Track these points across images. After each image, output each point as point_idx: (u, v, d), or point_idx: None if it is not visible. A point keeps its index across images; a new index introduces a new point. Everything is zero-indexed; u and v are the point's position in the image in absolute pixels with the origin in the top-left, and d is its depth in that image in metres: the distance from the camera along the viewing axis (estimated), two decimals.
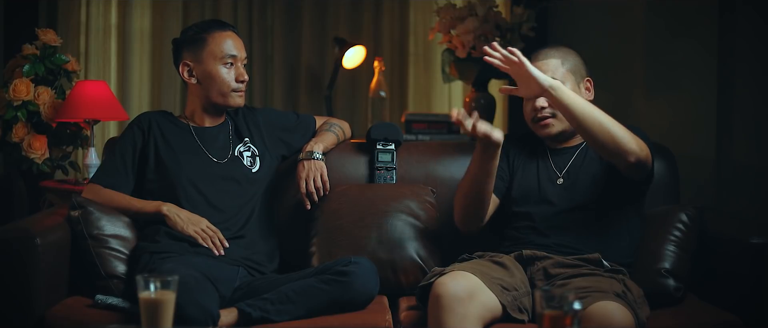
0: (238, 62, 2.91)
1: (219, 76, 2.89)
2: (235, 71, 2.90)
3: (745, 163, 3.47)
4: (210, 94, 2.92)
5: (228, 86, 2.90)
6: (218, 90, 2.90)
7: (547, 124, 2.77)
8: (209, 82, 2.90)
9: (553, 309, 1.81)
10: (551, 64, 2.76)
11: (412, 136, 4.03)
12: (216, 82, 2.90)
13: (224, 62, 2.89)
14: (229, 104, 2.93)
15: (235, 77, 2.90)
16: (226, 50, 2.89)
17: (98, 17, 4.70)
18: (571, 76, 2.77)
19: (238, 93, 2.92)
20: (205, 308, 2.41)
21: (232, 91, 2.91)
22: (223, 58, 2.89)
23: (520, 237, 2.73)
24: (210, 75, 2.90)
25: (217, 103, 2.93)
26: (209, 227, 2.80)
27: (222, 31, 2.92)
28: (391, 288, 2.84)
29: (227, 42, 2.91)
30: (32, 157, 3.67)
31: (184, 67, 2.93)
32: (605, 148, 2.56)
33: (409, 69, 4.84)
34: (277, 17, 4.77)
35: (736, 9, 3.47)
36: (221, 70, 2.89)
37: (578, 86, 2.78)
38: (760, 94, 3.39)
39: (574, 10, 4.27)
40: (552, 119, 2.76)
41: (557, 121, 2.76)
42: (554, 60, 2.77)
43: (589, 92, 2.82)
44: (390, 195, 2.97)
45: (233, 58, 2.90)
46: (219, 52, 2.89)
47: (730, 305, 2.62)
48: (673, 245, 2.76)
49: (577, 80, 2.78)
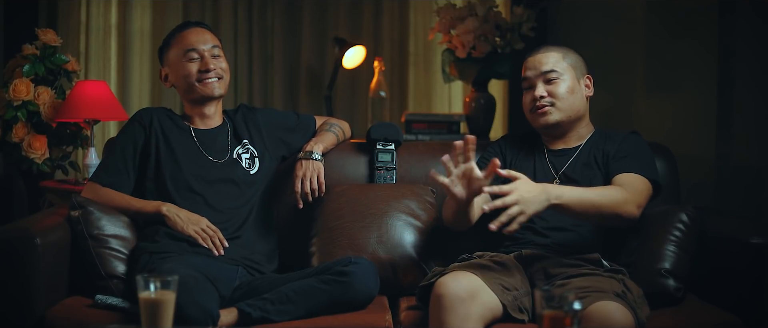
0: (205, 53, 2.93)
1: (185, 71, 2.92)
2: (200, 62, 2.92)
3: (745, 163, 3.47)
4: (184, 91, 2.96)
5: (192, 77, 2.92)
6: (186, 85, 2.94)
7: (545, 112, 2.80)
8: (179, 81, 2.95)
9: (553, 309, 1.81)
10: (552, 57, 2.80)
11: (412, 136, 4.03)
12: (182, 78, 2.93)
13: (188, 58, 2.93)
14: (204, 94, 2.93)
15: (198, 67, 2.92)
16: (185, 46, 2.93)
17: (98, 17, 4.71)
18: (571, 70, 2.80)
19: (209, 81, 2.92)
20: (204, 308, 2.41)
21: (198, 81, 2.92)
22: (186, 54, 2.93)
23: (520, 237, 2.73)
24: (178, 73, 2.94)
25: (193, 98, 2.96)
26: (209, 226, 2.80)
27: (183, 31, 2.98)
28: (391, 288, 2.84)
29: (187, 38, 2.95)
30: (32, 157, 3.67)
31: (162, 74, 3.00)
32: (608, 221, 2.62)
33: (409, 69, 4.84)
34: (277, 17, 4.77)
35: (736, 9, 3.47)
36: (186, 65, 2.93)
37: (578, 82, 2.81)
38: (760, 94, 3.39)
39: (574, 10, 4.27)
40: (550, 107, 2.79)
41: (555, 110, 2.79)
42: (555, 53, 2.81)
43: (588, 89, 2.85)
44: (390, 195, 2.97)
45: (194, 51, 2.92)
46: (180, 51, 2.94)
47: (730, 305, 2.62)
48: (673, 245, 2.76)
49: (578, 76, 2.81)
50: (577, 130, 2.85)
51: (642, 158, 2.74)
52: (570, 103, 2.79)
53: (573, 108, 2.80)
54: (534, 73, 2.81)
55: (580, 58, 2.85)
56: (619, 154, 2.75)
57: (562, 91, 2.78)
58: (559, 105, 2.78)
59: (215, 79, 2.93)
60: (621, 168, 2.70)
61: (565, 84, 2.79)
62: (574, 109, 2.81)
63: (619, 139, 2.81)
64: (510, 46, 3.93)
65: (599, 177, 2.75)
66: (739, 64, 3.48)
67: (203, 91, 2.93)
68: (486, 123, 4.07)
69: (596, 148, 2.81)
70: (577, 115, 2.82)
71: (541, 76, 2.80)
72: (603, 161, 2.77)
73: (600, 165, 2.77)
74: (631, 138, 2.82)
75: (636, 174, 2.68)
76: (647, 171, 2.70)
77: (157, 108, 3.04)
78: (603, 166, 2.76)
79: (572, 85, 2.79)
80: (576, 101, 2.81)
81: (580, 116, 2.84)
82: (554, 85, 2.79)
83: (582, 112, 2.84)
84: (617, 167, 2.71)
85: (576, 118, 2.82)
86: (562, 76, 2.79)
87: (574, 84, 2.80)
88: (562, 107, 2.79)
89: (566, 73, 2.79)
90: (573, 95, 2.80)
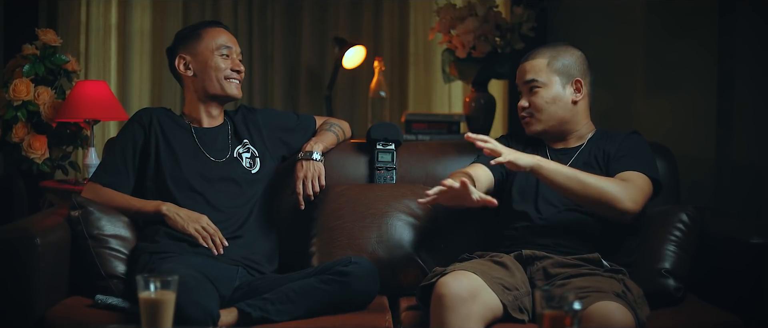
0: (233, 54, 2.96)
1: (215, 64, 2.93)
2: (231, 61, 2.94)
3: (745, 163, 3.47)
4: (206, 83, 2.94)
5: (223, 73, 2.93)
6: (215, 77, 2.93)
7: (527, 123, 2.83)
8: (205, 71, 2.93)
9: (553, 309, 1.81)
10: (537, 64, 2.81)
11: (412, 136, 4.03)
12: (212, 69, 2.93)
13: (220, 52, 2.94)
14: (226, 93, 2.94)
15: (231, 66, 2.93)
16: (220, 42, 2.95)
17: (98, 17, 4.71)
18: (556, 76, 2.79)
19: (234, 81, 2.95)
20: (204, 308, 2.41)
21: (227, 78, 2.93)
22: (219, 49, 2.94)
23: (519, 237, 2.73)
24: (206, 64, 2.93)
25: (215, 93, 2.95)
26: (209, 224, 2.80)
27: (216, 27, 3.00)
28: (391, 288, 2.84)
29: (222, 36, 2.97)
30: (32, 157, 3.67)
31: (180, 61, 2.96)
32: (598, 206, 2.61)
33: (409, 69, 4.84)
34: (277, 17, 4.77)
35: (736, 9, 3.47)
36: (217, 58, 2.93)
37: (564, 88, 2.80)
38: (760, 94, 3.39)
39: (574, 10, 4.27)
40: (530, 119, 2.82)
41: (535, 121, 2.81)
42: (540, 60, 2.81)
43: (578, 93, 2.82)
44: (390, 195, 2.96)
45: (228, 49, 2.95)
46: (214, 44, 2.94)
47: (730, 305, 2.62)
48: (673, 245, 2.76)
49: (564, 82, 2.80)
50: (575, 132, 2.85)
51: (643, 158, 2.74)
52: (550, 112, 2.79)
53: (554, 117, 2.80)
54: (520, 81, 2.85)
55: (575, 60, 2.83)
56: (620, 153, 2.75)
57: (542, 101, 2.79)
58: (539, 116, 2.80)
59: (238, 82, 2.96)
60: (622, 166, 2.70)
61: (546, 93, 2.78)
62: (555, 118, 2.80)
63: (620, 139, 2.81)
64: (510, 46, 3.93)
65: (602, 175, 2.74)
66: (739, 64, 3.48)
67: (227, 90, 2.94)
68: (486, 123, 4.08)
69: (597, 148, 2.81)
70: (561, 122, 2.81)
71: (524, 86, 2.82)
72: (604, 161, 2.77)
73: (601, 165, 2.76)
74: (632, 138, 2.81)
75: (636, 172, 2.68)
76: (648, 170, 2.70)
77: (157, 108, 3.04)
78: (604, 166, 2.76)
79: (554, 93, 2.79)
80: (558, 110, 2.80)
81: (567, 122, 2.82)
82: (534, 96, 2.80)
83: (568, 118, 2.82)
84: (618, 166, 2.71)
85: (562, 125, 2.82)
86: (545, 85, 2.78)
87: (557, 92, 2.79)
88: (542, 118, 2.80)
89: (549, 81, 2.79)
90: (554, 104, 2.79)
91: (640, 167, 2.68)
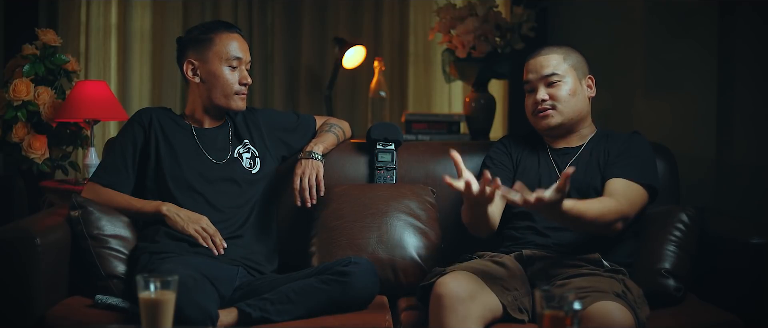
0: (242, 65, 2.92)
1: (223, 76, 2.89)
2: (239, 73, 2.91)
3: (745, 163, 3.47)
4: (212, 94, 2.92)
5: (231, 88, 2.90)
6: (221, 91, 2.90)
7: (547, 116, 2.80)
8: (213, 82, 2.90)
9: (553, 309, 1.81)
10: (553, 59, 2.79)
11: (412, 136, 4.03)
12: (219, 82, 2.90)
13: (229, 63, 2.90)
14: (230, 107, 2.93)
15: (239, 79, 2.91)
16: (231, 52, 2.90)
17: (98, 17, 4.71)
18: (573, 71, 2.80)
19: (240, 96, 2.92)
20: (204, 308, 2.41)
21: (235, 93, 2.91)
22: (229, 60, 2.90)
23: (520, 237, 2.74)
24: (214, 75, 2.90)
25: (219, 105, 2.93)
26: (209, 225, 2.80)
27: (229, 33, 2.93)
28: (391, 288, 2.84)
29: (233, 44, 2.91)
30: (32, 157, 3.67)
31: (188, 66, 2.92)
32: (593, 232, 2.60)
33: (409, 69, 4.84)
34: (277, 17, 4.77)
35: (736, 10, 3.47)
36: (225, 71, 2.89)
37: (580, 83, 2.80)
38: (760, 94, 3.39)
39: (574, 10, 4.27)
40: (552, 110, 2.79)
41: (557, 113, 2.79)
42: (557, 56, 2.80)
43: (591, 89, 2.85)
44: (390, 195, 2.97)
45: (238, 60, 2.91)
46: (224, 53, 2.89)
47: (730, 305, 2.62)
48: (673, 245, 2.76)
49: (579, 77, 2.81)
50: (579, 131, 2.85)
51: (641, 161, 2.72)
52: (572, 105, 2.79)
53: (575, 110, 2.80)
54: (535, 76, 2.80)
55: (582, 59, 2.85)
56: (617, 157, 2.75)
57: (564, 93, 2.78)
58: (561, 108, 2.78)
59: (244, 94, 2.94)
60: (616, 173, 2.69)
61: (566, 86, 2.78)
62: (575, 111, 2.81)
63: (621, 139, 2.81)
64: (510, 46, 3.92)
65: (599, 178, 2.74)
66: (739, 65, 3.48)
67: (235, 105, 2.92)
68: (486, 123, 4.07)
69: (598, 149, 2.81)
70: (579, 116, 2.82)
71: (542, 80, 2.79)
72: (604, 161, 2.77)
73: (601, 166, 2.76)
74: (633, 139, 2.81)
75: (630, 181, 2.66)
76: (644, 176, 2.69)
77: (157, 108, 3.04)
78: (603, 167, 2.76)
79: (574, 87, 2.79)
80: (578, 103, 2.80)
81: (582, 117, 2.84)
82: (555, 88, 2.78)
83: (584, 113, 2.84)
84: (613, 172, 2.70)
85: (578, 119, 2.82)
86: (564, 79, 2.78)
87: (575, 86, 2.80)
88: (563, 110, 2.79)
89: (568, 75, 2.79)
90: (575, 97, 2.79)
91: (634, 175, 2.67)
